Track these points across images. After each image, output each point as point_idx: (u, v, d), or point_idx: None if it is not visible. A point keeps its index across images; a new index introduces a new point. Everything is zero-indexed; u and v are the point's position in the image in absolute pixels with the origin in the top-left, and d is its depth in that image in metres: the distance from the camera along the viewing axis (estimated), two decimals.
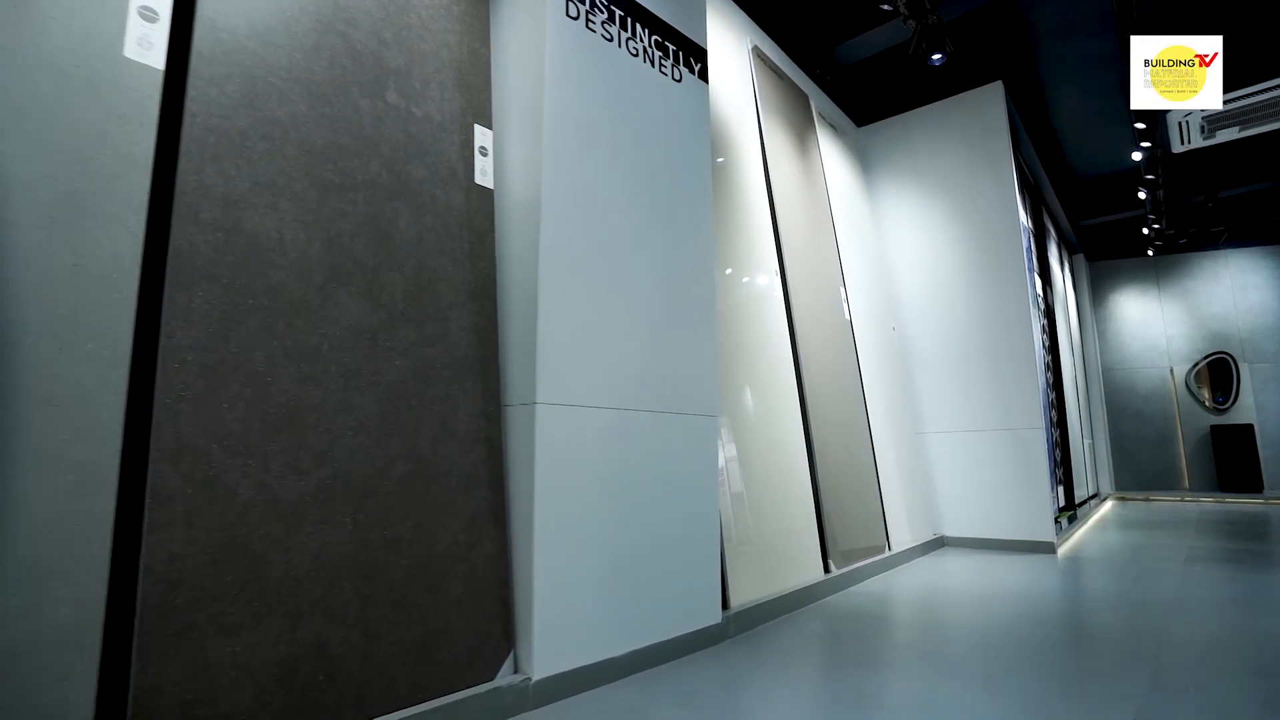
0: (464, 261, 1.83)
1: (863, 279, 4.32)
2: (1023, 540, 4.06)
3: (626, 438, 1.97)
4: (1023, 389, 4.16)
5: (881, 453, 3.88)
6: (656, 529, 2.03)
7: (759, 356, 2.97)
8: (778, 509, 2.81)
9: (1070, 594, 2.91)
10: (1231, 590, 2.91)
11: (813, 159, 4.10)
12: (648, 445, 2.04)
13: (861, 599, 2.85)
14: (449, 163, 1.86)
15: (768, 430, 2.90)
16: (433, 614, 1.54)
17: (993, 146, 4.43)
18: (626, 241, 2.09)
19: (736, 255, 3.02)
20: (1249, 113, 4.84)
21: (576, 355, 1.86)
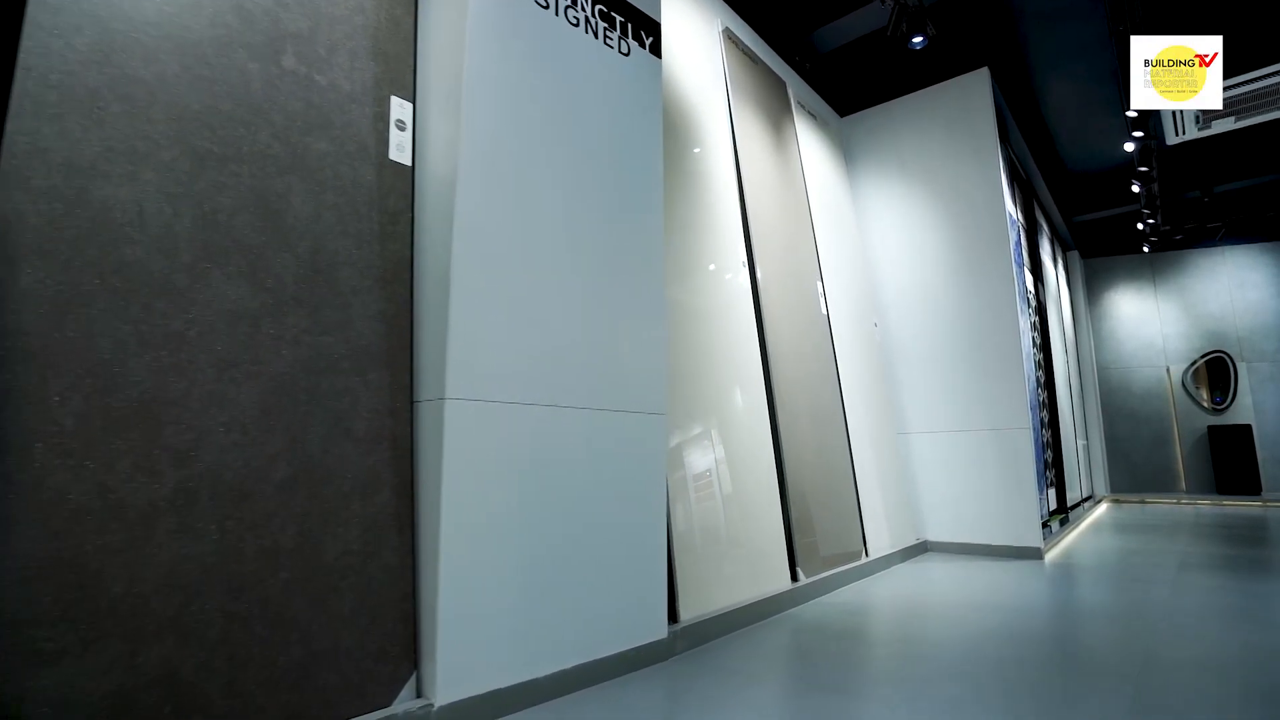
0: (372, 243, 1.67)
1: (843, 274, 4.15)
2: (1008, 546, 3.90)
3: (555, 436, 1.81)
4: (1009, 387, 3.99)
5: (860, 454, 3.71)
6: (589, 536, 1.86)
7: (723, 353, 2.81)
8: (741, 513, 2.64)
9: (1054, 605, 2.75)
10: (1225, 601, 2.74)
11: (789, 148, 3.94)
12: (581, 445, 1.88)
13: (830, 610, 2.68)
14: (358, 136, 1.70)
15: (733, 430, 2.73)
16: (316, 633, 1.37)
17: (979, 135, 4.27)
18: (559, 225, 1.93)
19: (702, 247, 2.86)
20: (1245, 101, 4.68)
21: (495, 346, 1.70)
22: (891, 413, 4.33)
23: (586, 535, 1.85)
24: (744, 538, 2.62)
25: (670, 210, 2.69)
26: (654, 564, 2.05)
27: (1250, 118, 4.84)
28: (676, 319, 2.59)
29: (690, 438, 2.51)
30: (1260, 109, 4.75)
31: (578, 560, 1.82)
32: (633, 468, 2.03)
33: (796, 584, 2.79)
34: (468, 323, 1.65)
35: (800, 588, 2.78)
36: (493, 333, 1.70)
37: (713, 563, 2.43)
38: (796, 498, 2.99)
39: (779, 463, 2.98)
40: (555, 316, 1.86)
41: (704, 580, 2.36)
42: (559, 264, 1.91)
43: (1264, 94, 4.56)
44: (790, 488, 2.97)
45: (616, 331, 2.05)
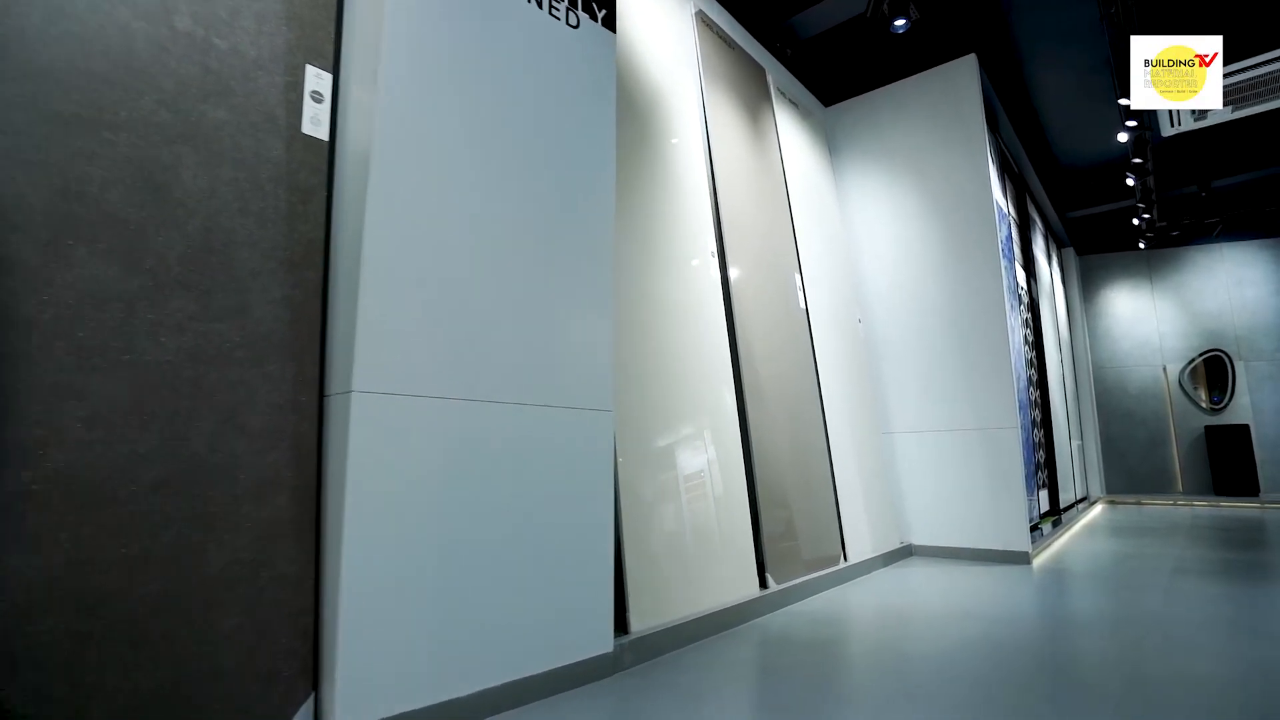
0: (278, 223, 1.53)
1: (825, 267, 4.01)
2: (995, 550, 3.75)
3: (481, 434, 1.66)
4: (996, 385, 3.85)
5: (839, 455, 3.57)
6: (522, 542, 1.72)
7: (688, 347, 2.66)
8: (705, 517, 2.49)
9: (1038, 614, 2.60)
10: (1220, 610, 2.59)
11: (767, 137, 3.79)
12: (512, 443, 1.74)
13: (800, 619, 2.53)
14: (265, 106, 1.56)
15: (699, 429, 2.58)
16: (190, 652, 1.23)
17: (966, 124, 4.12)
18: (491, 209, 1.78)
19: (668, 237, 2.71)
20: (1241, 91, 4.53)
21: (411, 336, 1.56)
22: (875, 412, 4.18)
23: (518, 541, 1.71)
24: (708, 543, 2.47)
25: (631, 197, 2.55)
26: (598, 571, 1.91)
27: (1248, 107, 4.69)
28: (636, 312, 2.45)
29: (649, 437, 2.36)
30: (1258, 98, 4.60)
31: (507, 568, 1.67)
32: (573, 468, 1.88)
33: (766, 591, 2.65)
34: (380, 310, 1.51)
35: (769, 595, 2.64)
36: (409, 321, 1.55)
37: (671, 569, 2.28)
38: (767, 501, 2.84)
39: (748, 464, 2.83)
40: (484, 306, 1.72)
41: (661, 588, 2.21)
42: (490, 250, 1.76)
43: (1262, 82, 4.41)
44: (761, 490, 2.82)
45: (556, 323, 1.90)
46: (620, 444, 2.21)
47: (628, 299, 2.43)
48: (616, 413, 2.22)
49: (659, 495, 2.32)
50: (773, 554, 2.78)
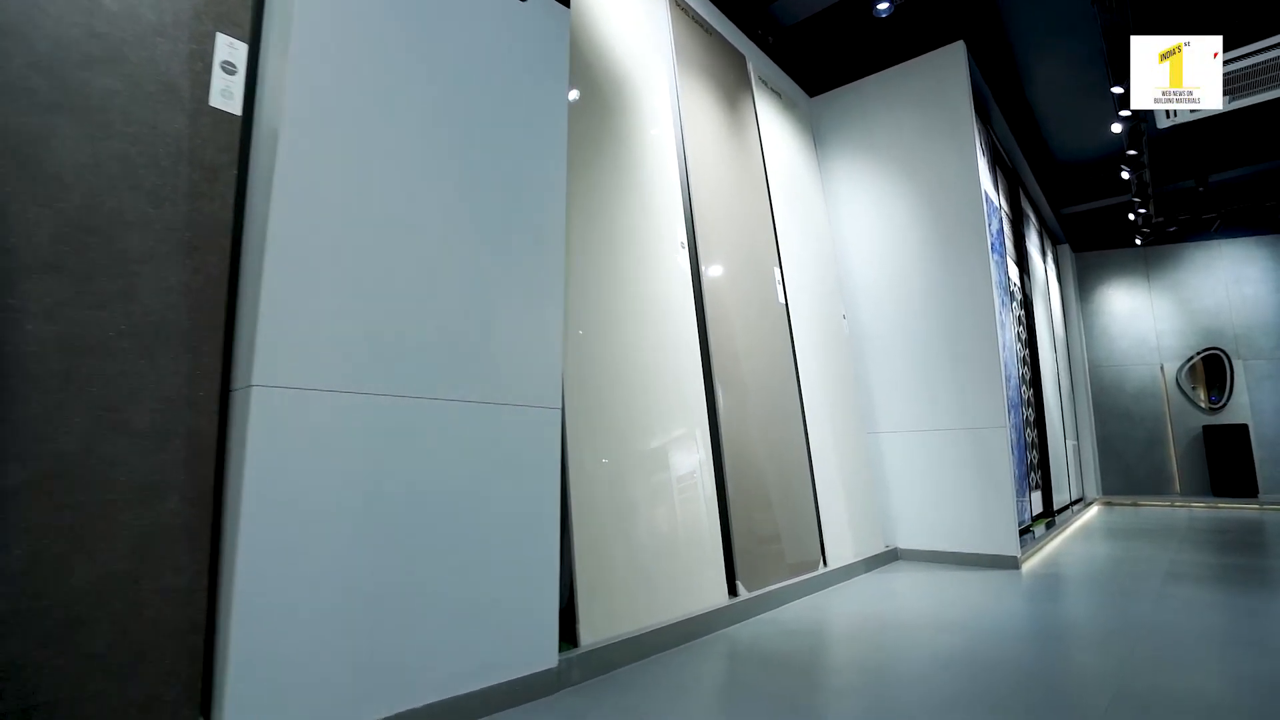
0: (177, 203, 1.39)
1: (807, 262, 3.88)
2: (983, 554, 3.61)
3: (408, 433, 1.53)
4: (984, 383, 3.71)
5: (820, 455, 3.43)
6: (454, 549, 1.58)
7: (652, 342, 2.53)
8: (668, 521, 2.36)
9: (1022, 624, 2.46)
10: (1214, 620, 2.46)
11: (747, 126, 3.66)
12: (446, 443, 1.60)
13: (770, 630, 2.40)
14: (165, 76, 1.42)
15: (663, 427, 2.45)
16: (49, 675, 1.10)
17: (954, 113, 3.99)
18: (422, 190, 1.65)
19: (632, 226, 2.58)
20: (1239, 80, 4.39)
21: (324, 326, 1.42)
22: (860, 411, 4.04)
23: (449, 547, 1.57)
24: (671, 548, 2.34)
25: (591, 184, 2.42)
26: (542, 580, 1.77)
27: (1245, 97, 4.55)
28: (596, 304, 2.32)
29: (608, 436, 2.23)
30: (1256, 88, 4.46)
31: (436, 577, 1.54)
32: (515, 469, 1.75)
33: (735, 599, 2.51)
34: (285, 298, 1.37)
35: (739, 604, 2.50)
36: (321, 310, 1.42)
37: (630, 576, 2.15)
38: (739, 504, 2.71)
39: (718, 465, 2.70)
40: (413, 295, 1.59)
41: (617, 597, 2.07)
42: (420, 235, 1.63)
43: (1260, 70, 4.28)
44: (732, 493, 2.68)
45: (497, 315, 1.77)
46: (573, 443, 2.08)
47: (588, 290, 2.29)
48: (571, 410, 2.09)
49: (616, 498, 2.19)
50: (744, 560, 2.64)
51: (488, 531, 1.66)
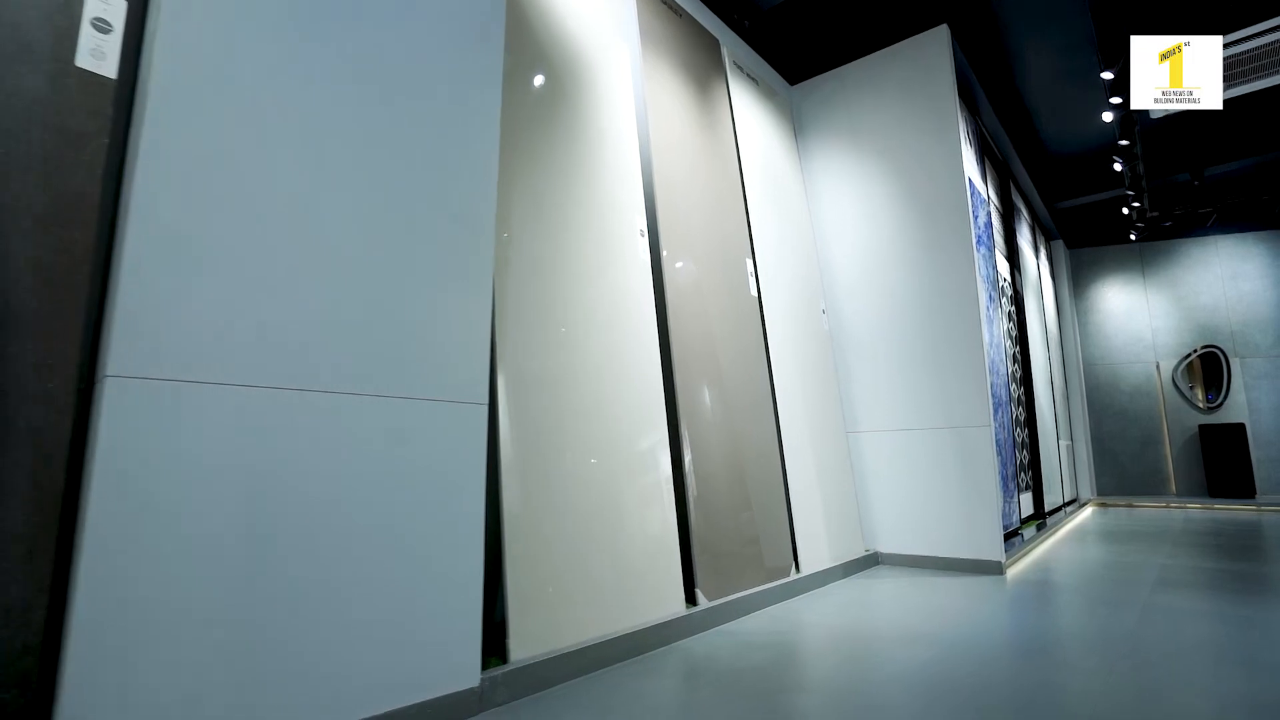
0: (30, 173, 1.24)
1: (784, 254, 3.72)
2: (965, 559, 3.46)
3: (304, 430, 1.38)
4: (967, 379, 3.56)
5: (794, 455, 3.28)
6: (358, 558, 1.43)
7: (603, 333, 2.38)
8: (618, 525, 2.21)
9: (997, 637, 2.31)
10: (1201, 632, 2.31)
11: (719, 113, 3.51)
12: (350, 441, 1.45)
13: (728, 642, 2.25)
14: (23, 35, 1.27)
15: (613, 424, 2.30)
16: None
17: (937, 100, 3.84)
18: (325, 163, 1.50)
19: (586, 211, 2.43)
20: (1233, 67, 4.24)
21: (201, 311, 1.27)
22: (839, 409, 3.89)
23: (351, 556, 1.42)
24: (621, 554, 2.19)
25: (540, 168, 2.27)
26: (463, 590, 1.62)
27: (1240, 86, 4.40)
28: (539, 291, 2.17)
29: (549, 431, 2.08)
30: (1251, 75, 4.31)
31: (335, 589, 1.39)
32: (433, 469, 1.60)
33: (694, 609, 2.36)
34: (150, 278, 1.22)
35: (698, 614, 2.35)
36: (197, 295, 1.27)
37: (573, 584, 2.00)
38: (701, 507, 2.56)
39: (677, 465, 2.55)
40: (308, 277, 1.43)
41: (556, 607, 1.92)
42: (317, 211, 1.47)
43: (1255, 56, 4.13)
44: (692, 495, 2.53)
45: (412, 303, 1.62)
46: (510, 443, 1.93)
47: (532, 278, 2.14)
48: (509, 407, 1.94)
49: (558, 500, 2.03)
50: (705, 566, 2.49)
51: (398, 537, 1.51)
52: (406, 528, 1.54)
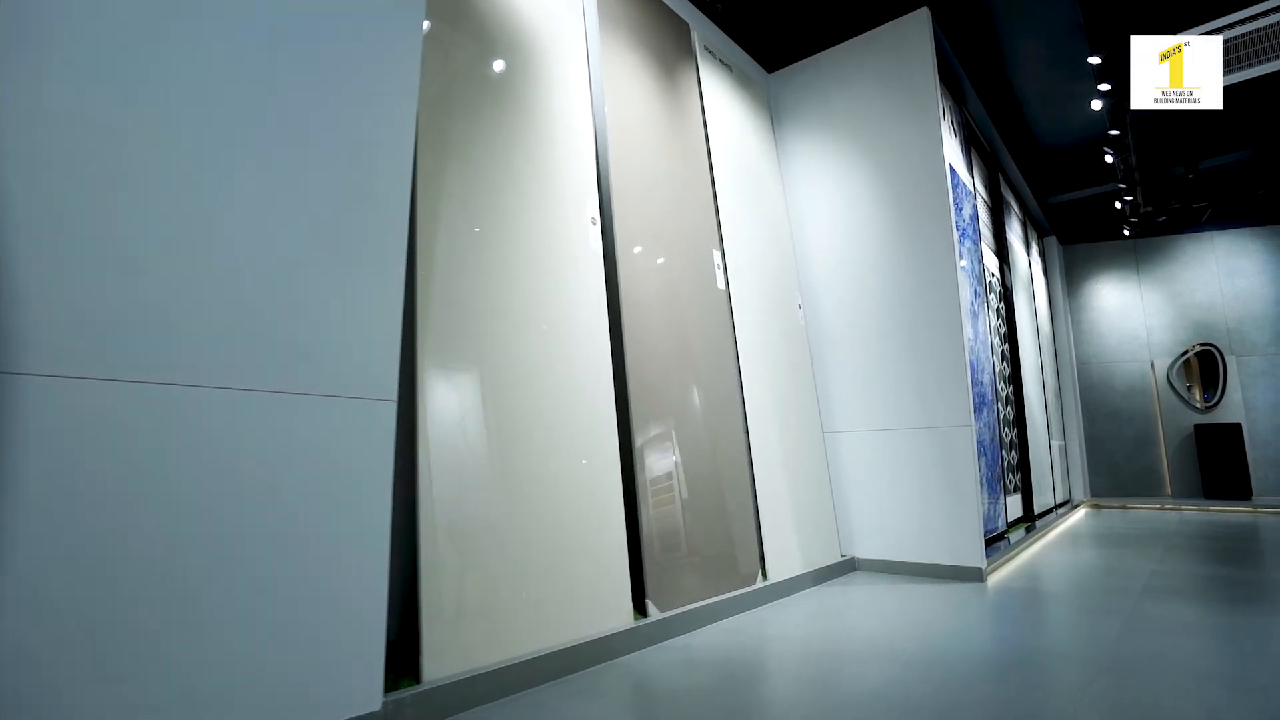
0: None
1: (757, 247, 3.57)
2: (945, 565, 3.30)
3: (176, 429, 1.22)
4: (947, 376, 3.40)
5: (764, 455, 3.12)
6: (241, 572, 1.27)
7: (549, 321, 2.23)
8: (557, 530, 2.05)
9: (968, 652, 2.15)
10: (1188, 646, 2.15)
11: (687, 99, 3.35)
12: (231, 442, 1.29)
13: (676, 659, 2.09)
14: None
15: (557, 423, 2.15)
16: None
17: (917, 86, 3.68)
18: (209, 137, 1.34)
19: (531, 198, 2.28)
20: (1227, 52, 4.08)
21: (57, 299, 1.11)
22: (815, 408, 3.74)
23: (233, 569, 1.26)
24: (562, 563, 2.03)
25: (477, 150, 2.12)
26: (365, 604, 1.46)
27: (1236, 73, 4.24)
28: (474, 281, 2.01)
29: (486, 432, 1.92)
30: (1247, 62, 4.15)
31: (214, 607, 1.23)
32: (328, 471, 1.44)
33: (643, 621, 2.20)
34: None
35: (646, 626, 2.19)
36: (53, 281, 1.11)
37: (503, 596, 1.84)
38: (654, 511, 2.40)
39: (627, 466, 2.39)
40: (177, 254, 1.28)
41: (482, 620, 1.77)
42: (205, 196, 1.32)
43: (1251, 41, 3.97)
44: (644, 499, 2.38)
45: (309, 291, 1.46)
46: (432, 441, 1.77)
47: (464, 266, 1.99)
48: (433, 405, 1.79)
49: (490, 505, 1.88)
50: (657, 574, 2.34)
51: (284, 546, 1.35)
52: (308, 531, 1.38)
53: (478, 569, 1.80)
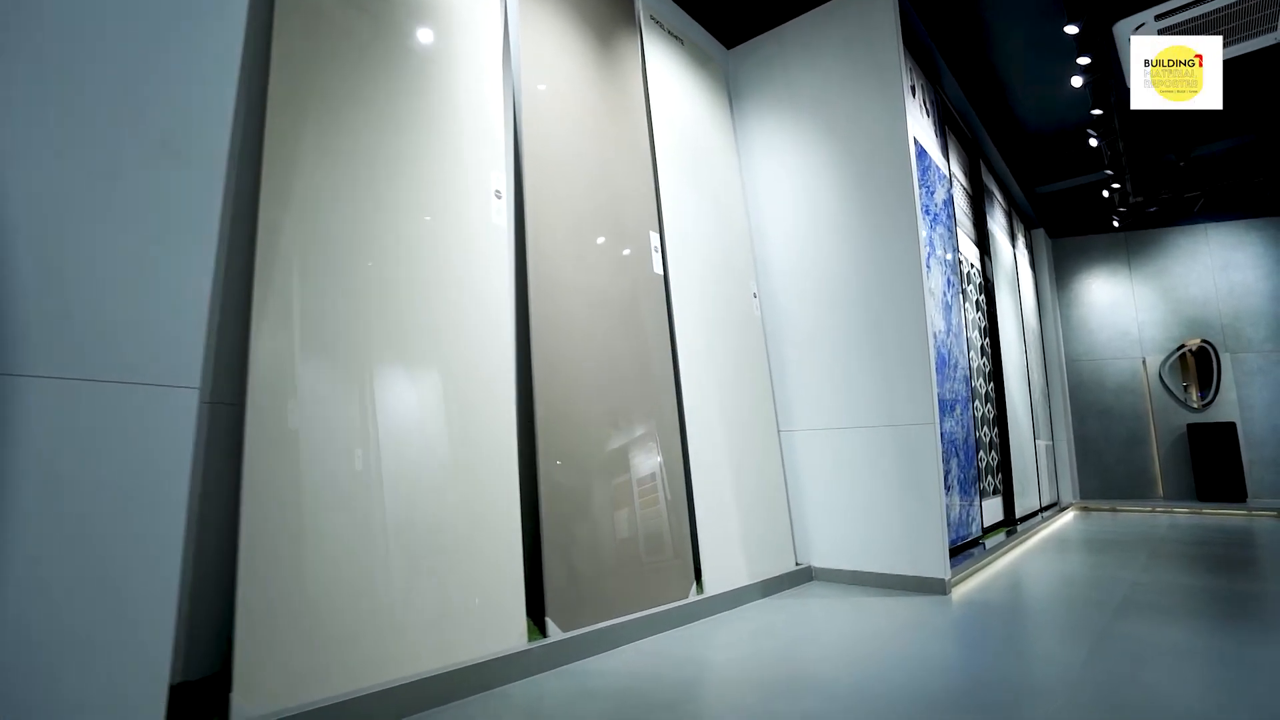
0: None
1: (708, 231, 3.30)
2: (906, 576, 3.03)
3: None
4: (910, 370, 3.13)
5: (704, 454, 2.85)
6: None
7: (436, 306, 1.96)
8: (436, 543, 1.79)
9: (907, 682, 1.89)
10: (1159, 675, 1.88)
11: (626, 71, 3.09)
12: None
13: (567, 688, 1.82)
14: None
15: (437, 417, 1.88)
16: None
17: (880, 58, 3.41)
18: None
19: (420, 164, 2.02)
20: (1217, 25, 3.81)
21: None
22: (770, 404, 3.47)
23: None
24: (437, 578, 1.77)
25: (330, 99, 1.85)
26: (152, 622, 1.20)
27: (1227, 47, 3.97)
28: (339, 255, 1.75)
29: (345, 428, 1.66)
30: (1239, 35, 3.88)
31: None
32: (117, 468, 1.18)
33: (542, 642, 1.94)
34: None
35: (544, 648, 1.92)
36: None
37: (356, 616, 1.58)
38: (560, 518, 2.14)
39: (530, 466, 2.13)
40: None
41: (325, 648, 1.50)
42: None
43: (1242, 13, 3.70)
44: (547, 503, 2.11)
45: (94, 265, 1.20)
46: (264, 442, 1.51)
47: (329, 239, 1.73)
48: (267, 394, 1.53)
49: (343, 513, 1.61)
50: (562, 589, 2.07)
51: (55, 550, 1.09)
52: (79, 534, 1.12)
53: (319, 586, 1.53)
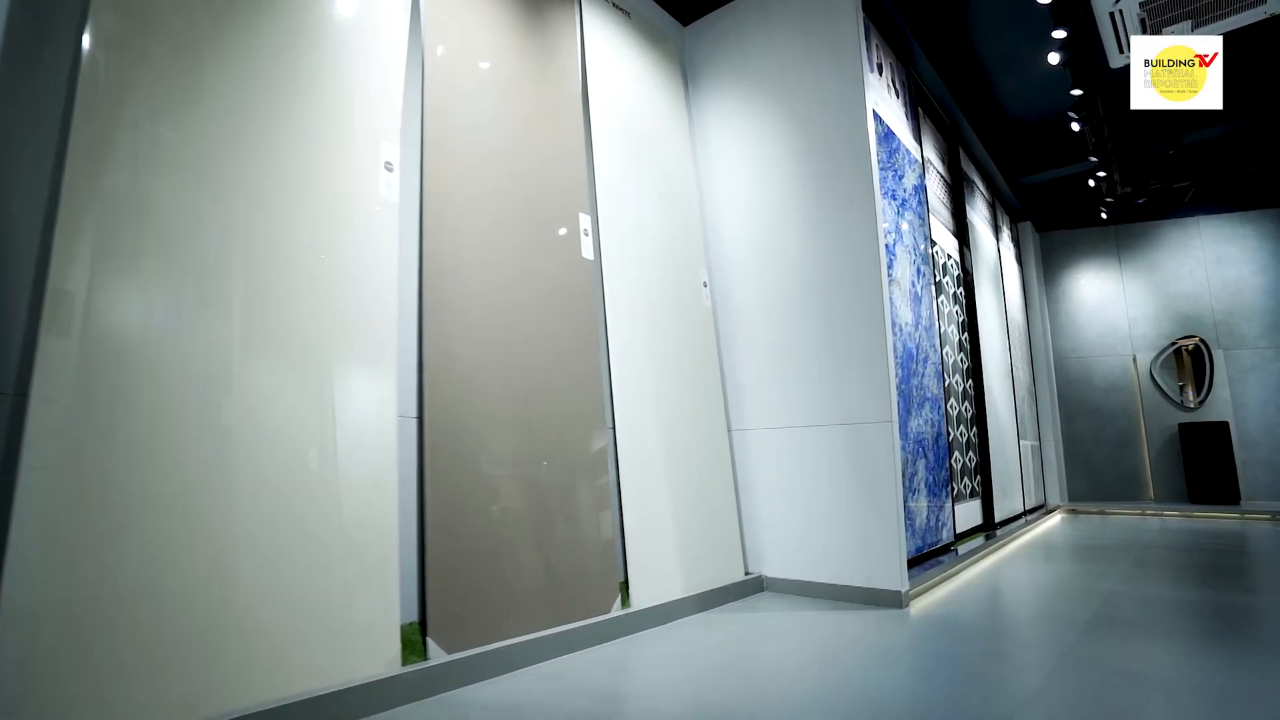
0: None
1: (651, 217, 3.08)
2: (859, 588, 2.80)
3: None
4: (865, 364, 2.90)
5: (635, 454, 2.62)
6: None
7: (306, 290, 1.74)
8: (295, 551, 1.56)
9: (835, 716, 1.65)
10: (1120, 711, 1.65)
11: (559, 41, 2.86)
12: None
13: (435, 719, 1.59)
14: None
15: (289, 413, 1.65)
16: None
17: (839, 34, 3.18)
18: None
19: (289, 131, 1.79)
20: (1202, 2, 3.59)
21: None
22: (719, 401, 3.23)
23: None
24: (298, 593, 1.54)
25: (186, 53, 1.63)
26: None
27: (1212, 22, 3.74)
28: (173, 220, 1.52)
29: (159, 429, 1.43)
30: (1225, 9, 3.65)
31: None
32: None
33: (418, 666, 1.70)
34: None
35: (417, 674, 1.69)
36: None
37: (216, 640, 1.35)
38: (448, 525, 1.91)
39: (420, 468, 1.90)
40: None
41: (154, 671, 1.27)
42: None
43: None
44: (434, 509, 1.88)
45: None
46: (32, 444, 1.28)
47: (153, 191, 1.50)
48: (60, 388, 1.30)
49: (183, 513, 1.38)
50: (448, 604, 1.84)
51: None
52: None
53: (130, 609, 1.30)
